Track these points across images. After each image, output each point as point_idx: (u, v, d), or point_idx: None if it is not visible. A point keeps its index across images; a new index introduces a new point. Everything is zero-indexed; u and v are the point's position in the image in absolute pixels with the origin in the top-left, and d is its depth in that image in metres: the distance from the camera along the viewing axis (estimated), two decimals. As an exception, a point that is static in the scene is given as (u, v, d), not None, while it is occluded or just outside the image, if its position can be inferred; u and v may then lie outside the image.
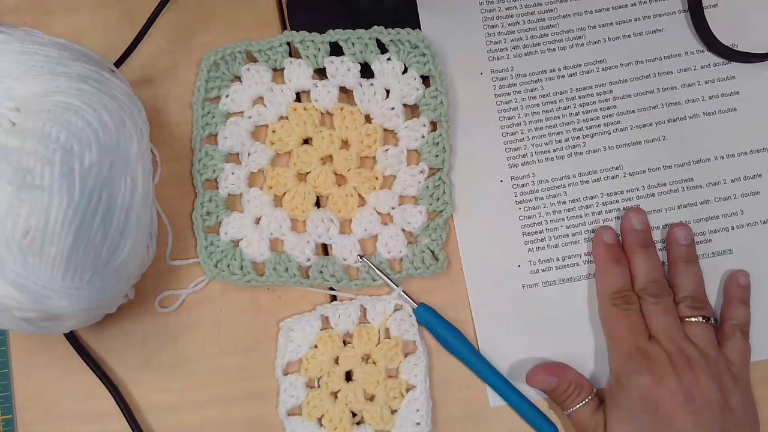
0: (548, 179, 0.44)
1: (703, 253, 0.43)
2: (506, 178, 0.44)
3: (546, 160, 0.44)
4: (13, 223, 0.30)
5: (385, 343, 0.41)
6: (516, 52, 0.45)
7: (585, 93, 0.45)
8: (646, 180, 0.44)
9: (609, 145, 0.44)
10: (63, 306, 0.32)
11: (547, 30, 0.45)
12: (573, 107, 0.44)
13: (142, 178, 0.35)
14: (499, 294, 0.42)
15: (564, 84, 0.45)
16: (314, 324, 0.41)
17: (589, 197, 0.43)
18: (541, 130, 0.44)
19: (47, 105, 0.32)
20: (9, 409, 0.41)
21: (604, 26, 0.46)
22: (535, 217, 0.43)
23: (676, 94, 0.45)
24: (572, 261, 0.43)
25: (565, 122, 0.44)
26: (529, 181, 0.44)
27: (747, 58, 0.45)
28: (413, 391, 0.40)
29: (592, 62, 0.45)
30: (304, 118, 0.44)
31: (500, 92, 0.45)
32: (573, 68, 0.45)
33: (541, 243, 0.43)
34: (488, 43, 0.45)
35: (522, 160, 0.44)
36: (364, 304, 0.42)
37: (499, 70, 0.45)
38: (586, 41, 0.45)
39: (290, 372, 0.41)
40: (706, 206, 0.44)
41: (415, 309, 0.41)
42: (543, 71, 0.45)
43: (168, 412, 0.41)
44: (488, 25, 0.45)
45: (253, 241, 0.42)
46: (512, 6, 0.46)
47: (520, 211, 0.43)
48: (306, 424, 0.40)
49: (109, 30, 0.46)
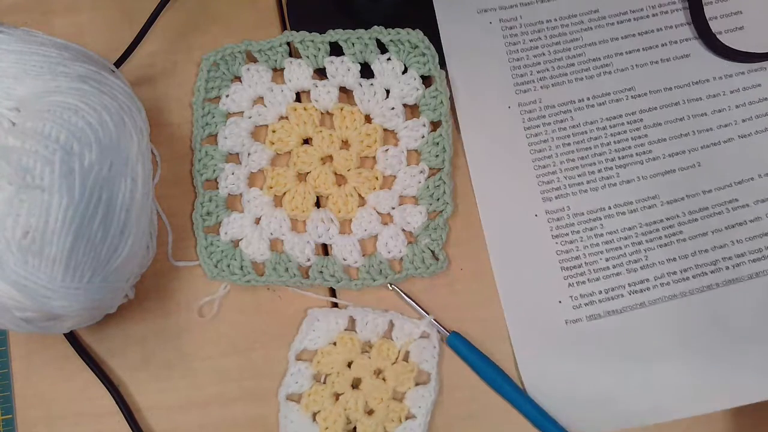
0: (583, 212, 0.43)
1: (762, 271, 0.42)
2: (540, 212, 0.43)
3: (580, 192, 0.43)
4: (13, 223, 0.30)
5: (401, 364, 0.40)
6: (543, 84, 0.44)
7: (615, 122, 0.44)
8: (686, 206, 0.43)
9: (643, 175, 0.43)
10: (63, 306, 0.32)
11: (574, 59, 0.45)
12: (604, 137, 0.44)
13: (142, 178, 0.35)
14: (542, 331, 0.41)
15: (594, 114, 0.44)
16: (340, 321, 0.41)
17: (627, 228, 0.42)
18: (573, 162, 0.43)
19: (47, 105, 0.32)
20: (9, 409, 0.41)
21: (631, 53, 0.45)
22: (573, 251, 0.42)
23: (707, 120, 0.44)
24: (616, 293, 0.42)
25: (597, 153, 0.43)
26: (564, 215, 0.42)
27: (750, 58, 0.44)
28: (412, 420, 0.40)
29: (621, 90, 0.44)
30: (304, 118, 0.44)
31: (529, 125, 0.44)
32: (602, 97, 0.44)
33: (581, 277, 0.42)
34: (514, 76, 0.44)
35: (556, 193, 0.43)
36: (394, 320, 0.41)
37: (526, 103, 0.44)
38: (613, 69, 0.44)
39: (302, 359, 0.41)
40: (760, 223, 0.42)
41: (448, 337, 0.41)
42: (572, 101, 0.44)
43: (168, 412, 0.41)
44: (513, 58, 0.44)
45: (253, 241, 0.42)
46: (536, 37, 0.45)
47: (557, 245, 0.42)
48: (301, 414, 0.40)
49: (109, 30, 0.46)
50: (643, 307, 0.42)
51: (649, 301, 0.42)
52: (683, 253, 0.42)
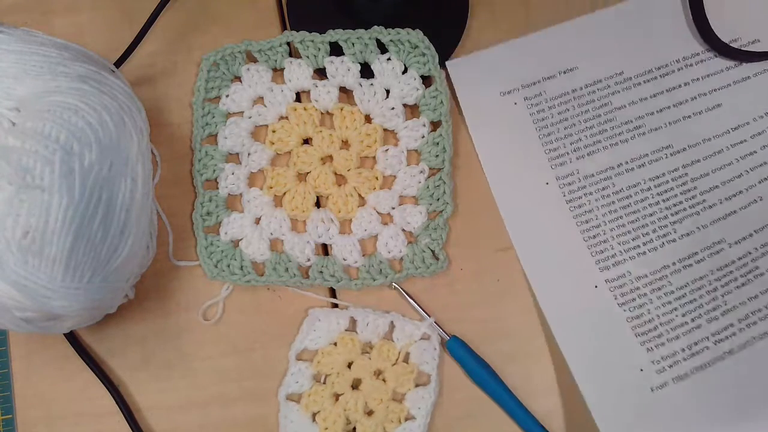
0: (646, 274, 0.41)
1: None
2: (600, 282, 0.41)
3: (638, 255, 0.41)
4: (13, 223, 0.30)
5: (401, 366, 0.40)
6: (578, 154, 0.43)
7: (660, 181, 0.42)
8: (757, 241, 0.41)
9: (702, 224, 0.41)
10: (63, 306, 0.32)
11: (606, 125, 0.43)
12: (651, 197, 0.42)
13: (142, 178, 0.35)
14: (627, 405, 0.39)
15: (635, 176, 0.42)
16: (341, 322, 0.41)
17: (698, 278, 0.40)
18: (624, 227, 0.42)
19: (47, 105, 0.32)
20: (9, 409, 0.41)
21: (662, 111, 0.44)
22: (645, 316, 0.40)
23: (759, 156, 0.43)
24: (700, 346, 0.40)
25: (647, 214, 0.42)
26: (626, 281, 0.41)
27: (751, 57, 0.44)
28: (412, 421, 0.40)
29: (658, 149, 0.43)
30: (304, 118, 0.44)
31: (571, 197, 0.42)
32: (640, 159, 0.43)
33: (659, 339, 0.40)
34: (547, 151, 0.43)
35: (612, 261, 0.41)
36: (395, 322, 0.41)
37: (564, 176, 0.43)
38: (647, 129, 0.43)
39: (303, 359, 0.41)
40: None
41: (447, 341, 0.41)
42: (610, 167, 0.43)
43: (168, 412, 0.41)
44: (544, 133, 0.43)
45: (253, 241, 0.42)
46: (564, 109, 0.44)
47: (626, 313, 0.40)
48: (300, 414, 0.40)
49: (109, 30, 0.46)
50: (731, 354, 0.39)
51: (738, 347, 0.40)
52: (765, 288, 0.40)
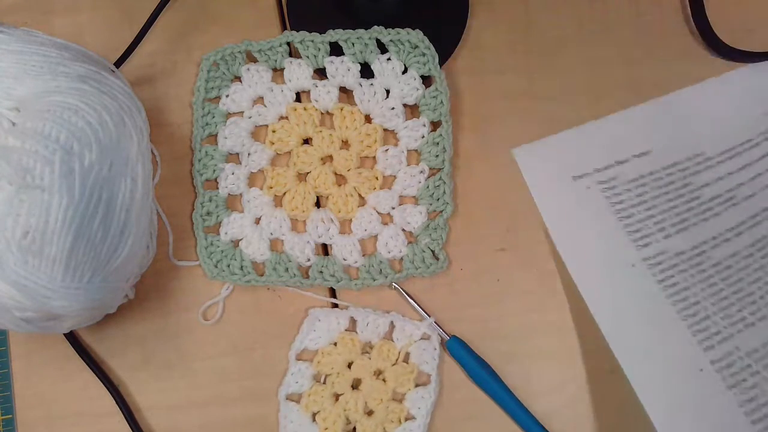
0: (757, 348, 0.38)
1: None
2: (705, 365, 0.38)
3: (745, 327, 0.39)
4: (13, 223, 0.30)
5: (401, 366, 0.40)
6: (664, 234, 0.41)
7: (762, 245, 0.40)
8: None
9: None
10: (63, 306, 0.32)
11: (692, 203, 0.41)
12: (754, 264, 0.40)
13: (142, 178, 0.35)
14: None
15: (732, 246, 0.40)
16: (341, 321, 0.41)
17: None
18: (726, 300, 0.39)
19: (47, 105, 0.32)
20: (9, 409, 0.41)
21: (754, 179, 0.41)
22: (759, 397, 0.37)
23: None
24: None
25: (751, 281, 0.39)
26: (735, 359, 0.38)
27: (751, 57, 0.44)
28: (412, 421, 0.40)
29: (757, 214, 0.41)
30: (304, 118, 0.44)
31: (662, 277, 0.40)
32: (737, 228, 0.40)
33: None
34: (629, 232, 0.41)
35: (717, 339, 0.38)
36: (395, 322, 0.41)
37: (652, 256, 0.40)
38: (739, 199, 0.41)
39: (303, 359, 0.41)
40: None
41: (447, 341, 0.41)
42: (704, 242, 0.40)
43: (168, 412, 0.41)
44: (623, 216, 0.41)
45: (253, 241, 0.42)
46: (642, 191, 0.42)
47: (737, 396, 0.37)
48: (300, 414, 0.40)
49: (109, 30, 0.46)
50: None
51: None
52: None
